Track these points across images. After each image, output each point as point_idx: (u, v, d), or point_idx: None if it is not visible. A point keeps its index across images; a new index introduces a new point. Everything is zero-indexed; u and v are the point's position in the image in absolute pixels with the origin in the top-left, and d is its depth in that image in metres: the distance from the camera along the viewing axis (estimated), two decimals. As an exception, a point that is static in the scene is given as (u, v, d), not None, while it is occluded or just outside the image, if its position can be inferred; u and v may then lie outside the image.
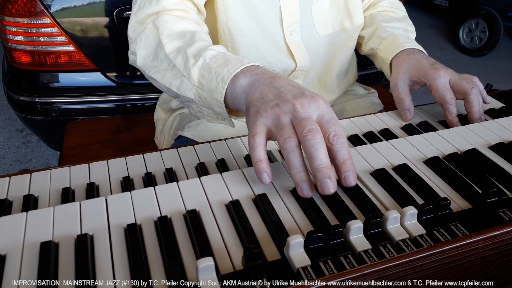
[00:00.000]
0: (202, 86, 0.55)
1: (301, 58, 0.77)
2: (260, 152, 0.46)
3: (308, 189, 0.44)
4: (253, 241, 0.40)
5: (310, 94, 0.47)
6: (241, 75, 0.51)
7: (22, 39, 1.27)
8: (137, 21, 0.67)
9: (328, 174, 0.43)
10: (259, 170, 0.45)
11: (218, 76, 0.53)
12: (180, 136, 0.80)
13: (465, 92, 0.64)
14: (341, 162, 0.45)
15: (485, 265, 0.41)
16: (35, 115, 1.40)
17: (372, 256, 0.37)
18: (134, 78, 1.43)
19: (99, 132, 1.10)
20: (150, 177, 0.53)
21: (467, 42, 3.21)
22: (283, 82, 0.49)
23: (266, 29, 0.74)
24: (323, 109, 0.46)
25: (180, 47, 0.60)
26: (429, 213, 0.42)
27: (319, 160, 0.43)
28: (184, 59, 0.57)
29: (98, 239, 0.41)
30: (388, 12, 0.85)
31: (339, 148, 0.45)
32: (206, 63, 0.55)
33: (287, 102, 0.46)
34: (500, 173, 0.50)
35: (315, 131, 0.44)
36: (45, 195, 0.50)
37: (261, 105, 0.47)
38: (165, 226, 0.42)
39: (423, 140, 0.57)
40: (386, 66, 0.75)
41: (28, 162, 1.98)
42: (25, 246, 0.40)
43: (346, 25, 0.80)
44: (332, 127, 0.45)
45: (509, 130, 0.59)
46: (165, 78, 0.60)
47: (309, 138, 0.43)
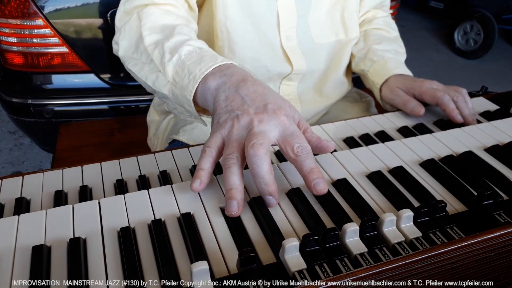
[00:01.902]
0: (176, 83, 0.54)
1: (298, 62, 0.77)
2: (206, 162, 0.46)
3: (234, 208, 0.43)
4: (248, 244, 0.40)
5: (273, 109, 0.46)
6: (211, 77, 0.51)
7: (15, 40, 1.26)
8: (124, 11, 0.66)
9: (269, 191, 0.43)
10: (196, 175, 0.45)
11: (190, 74, 0.52)
12: (175, 140, 0.79)
13: (453, 96, 0.66)
14: (308, 171, 0.44)
15: (481, 268, 0.41)
16: (27, 117, 1.38)
17: (368, 259, 0.37)
18: (128, 80, 1.42)
19: (92, 134, 1.09)
20: (144, 179, 0.52)
21: (462, 44, 3.23)
22: (249, 88, 0.48)
23: (263, 31, 0.74)
24: (285, 124, 0.46)
25: (158, 41, 0.59)
26: (425, 215, 0.41)
27: (260, 177, 0.43)
28: (161, 54, 0.57)
29: (91, 242, 0.40)
30: (382, 30, 0.87)
31: (303, 158, 0.44)
32: (181, 59, 0.54)
33: (247, 116, 0.46)
34: (496, 176, 0.50)
35: (259, 145, 0.43)
36: (38, 198, 0.49)
37: (223, 114, 0.47)
38: (159, 229, 0.41)
39: (419, 143, 0.57)
40: (376, 90, 0.78)
41: (21, 164, 1.96)
42: (16, 250, 0.40)
43: (340, 36, 0.81)
44: (295, 139, 0.45)
45: (505, 132, 0.59)
46: (142, 71, 0.59)
47: (250, 154, 0.43)
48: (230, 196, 0.43)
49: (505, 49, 3.39)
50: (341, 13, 0.79)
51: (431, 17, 3.93)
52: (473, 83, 2.68)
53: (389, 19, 0.90)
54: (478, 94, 0.75)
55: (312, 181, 0.44)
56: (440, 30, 3.69)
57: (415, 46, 0.76)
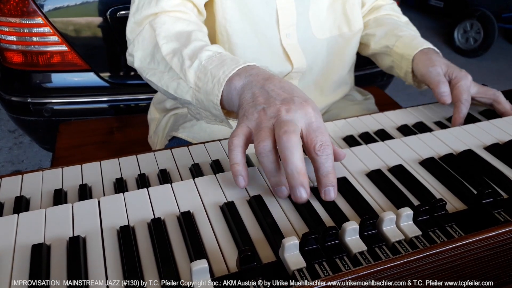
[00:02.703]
0: (199, 88, 0.54)
1: (298, 60, 0.76)
2: (237, 154, 0.45)
3: (284, 194, 0.44)
4: (248, 243, 0.40)
5: (299, 101, 0.46)
6: (236, 77, 0.51)
7: (14, 39, 1.26)
8: (135, 22, 0.67)
9: (301, 182, 0.42)
10: (234, 173, 0.45)
11: (214, 78, 0.52)
12: (175, 137, 0.80)
13: (493, 94, 0.67)
14: (324, 175, 0.44)
15: (481, 266, 0.41)
16: (27, 115, 1.38)
17: (367, 257, 0.37)
18: (128, 78, 1.41)
19: (92, 133, 1.09)
20: (144, 178, 0.52)
21: (462, 43, 3.23)
22: (276, 84, 0.48)
23: (262, 32, 0.73)
24: (311, 117, 0.45)
25: (176, 49, 0.59)
26: (425, 214, 0.41)
27: (293, 165, 0.42)
28: (180, 61, 0.57)
29: (90, 241, 0.40)
30: (392, 16, 0.86)
31: (324, 160, 0.44)
32: (202, 64, 0.55)
33: (273, 107, 0.45)
34: (495, 174, 0.50)
35: (292, 132, 0.42)
36: (37, 196, 0.49)
37: (249, 108, 0.47)
38: (159, 228, 0.41)
39: (419, 141, 0.57)
40: (407, 62, 0.75)
41: (20, 163, 1.96)
42: (16, 249, 0.40)
43: (344, 29, 0.80)
44: (319, 137, 0.44)
45: (504, 131, 0.59)
46: (162, 80, 0.60)
47: (284, 140, 0.42)
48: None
49: (505, 47, 3.39)
50: (342, 6, 0.79)
51: (431, 16, 3.92)
52: (473, 82, 2.68)
53: (395, 5, 0.89)
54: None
55: (324, 187, 0.44)
56: (440, 28, 3.68)
57: (415, 44, 0.77)
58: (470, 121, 0.63)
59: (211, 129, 0.78)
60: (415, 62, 0.73)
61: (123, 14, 1.30)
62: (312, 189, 0.47)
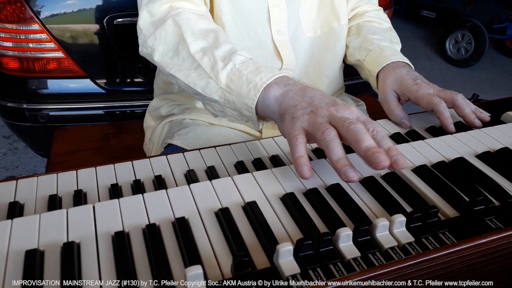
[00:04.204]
0: (231, 90, 0.57)
1: (287, 57, 0.77)
2: (302, 148, 0.48)
3: (352, 172, 0.45)
4: (242, 249, 0.40)
5: (342, 102, 0.50)
6: (274, 85, 0.54)
7: (10, 45, 1.26)
8: (149, 12, 0.67)
9: (379, 150, 0.45)
10: (300, 164, 0.47)
11: (250, 83, 0.55)
12: (170, 144, 0.80)
13: (451, 98, 0.65)
14: (386, 148, 0.47)
15: (473, 273, 0.42)
16: (22, 121, 1.38)
17: (361, 263, 0.38)
18: (124, 85, 1.42)
19: (87, 139, 1.09)
20: (139, 184, 0.52)
21: (453, 53, 3.27)
22: (316, 92, 0.52)
23: (253, 27, 0.75)
24: (357, 113, 0.49)
25: (205, 48, 0.61)
26: (418, 221, 0.42)
27: (367, 141, 0.45)
28: (212, 61, 0.59)
29: (85, 247, 0.40)
30: (373, 23, 0.86)
31: (380, 138, 0.47)
32: (236, 68, 0.57)
33: (322, 109, 0.49)
34: (487, 182, 0.50)
35: (356, 121, 0.47)
36: (32, 202, 0.49)
37: (296, 111, 0.50)
38: (154, 234, 0.41)
39: (411, 149, 0.57)
40: (373, 79, 0.76)
41: (15, 169, 1.95)
42: (9, 255, 0.39)
43: (333, 25, 0.81)
44: (370, 125, 0.48)
45: (495, 139, 0.60)
46: (189, 78, 0.61)
47: (352, 127, 0.46)
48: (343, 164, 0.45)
49: (495, 58, 3.43)
50: (331, 2, 0.80)
51: (423, 26, 3.97)
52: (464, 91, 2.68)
53: (381, 12, 0.89)
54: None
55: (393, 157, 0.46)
56: (432, 38, 3.73)
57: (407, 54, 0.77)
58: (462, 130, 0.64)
59: (206, 136, 0.78)
60: (379, 80, 0.75)
61: (120, 21, 1.31)
62: (306, 193, 0.48)
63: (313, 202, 0.46)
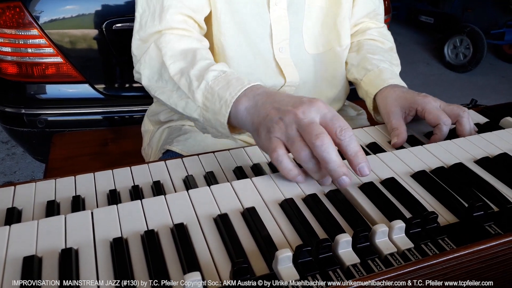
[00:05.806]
0: (207, 108, 0.57)
1: (290, 74, 0.77)
2: (287, 162, 0.48)
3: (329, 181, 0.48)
4: (241, 255, 0.40)
5: (308, 99, 0.50)
6: (244, 98, 0.54)
7: (9, 50, 1.26)
8: (140, 39, 0.69)
9: (343, 172, 0.46)
10: (292, 177, 0.49)
11: (221, 99, 0.55)
12: (168, 150, 0.79)
13: (458, 115, 0.64)
14: (353, 155, 0.47)
15: (472, 279, 0.41)
16: (21, 126, 1.37)
17: (360, 270, 0.37)
18: (122, 90, 1.42)
19: (86, 145, 1.09)
20: (137, 190, 0.52)
21: (452, 58, 3.29)
22: (282, 96, 0.52)
23: (256, 45, 0.75)
24: (323, 110, 0.49)
25: (183, 68, 0.62)
26: (417, 227, 0.42)
27: (332, 163, 0.46)
28: (188, 82, 0.60)
29: (83, 253, 0.40)
30: (376, 41, 0.85)
31: (347, 142, 0.47)
32: (209, 85, 0.57)
33: (288, 113, 0.49)
34: (486, 187, 0.50)
35: (322, 135, 0.46)
36: (29, 208, 0.49)
37: (268, 122, 0.50)
38: (152, 240, 0.41)
39: (410, 154, 0.57)
40: (370, 100, 0.75)
41: (13, 174, 1.94)
42: (7, 261, 0.39)
43: (334, 44, 0.81)
44: (337, 123, 0.48)
45: (494, 144, 0.60)
46: (171, 99, 0.63)
47: (318, 145, 0.46)
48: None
49: (494, 63, 3.45)
50: (334, 21, 0.80)
51: (421, 32, 3.99)
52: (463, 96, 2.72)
53: (385, 29, 0.88)
54: (468, 107, 0.77)
55: (357, 165, 0.47)
56: (430, 44, 3.75)
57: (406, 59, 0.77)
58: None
59: (205, 143, 0.78)
60: (377, 101, 0.73)
61: (119, 26, 1.31)
62: (305, 198, 0.48)
63: (312, 208, 0.46)
